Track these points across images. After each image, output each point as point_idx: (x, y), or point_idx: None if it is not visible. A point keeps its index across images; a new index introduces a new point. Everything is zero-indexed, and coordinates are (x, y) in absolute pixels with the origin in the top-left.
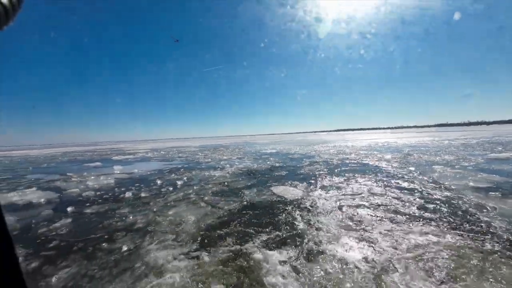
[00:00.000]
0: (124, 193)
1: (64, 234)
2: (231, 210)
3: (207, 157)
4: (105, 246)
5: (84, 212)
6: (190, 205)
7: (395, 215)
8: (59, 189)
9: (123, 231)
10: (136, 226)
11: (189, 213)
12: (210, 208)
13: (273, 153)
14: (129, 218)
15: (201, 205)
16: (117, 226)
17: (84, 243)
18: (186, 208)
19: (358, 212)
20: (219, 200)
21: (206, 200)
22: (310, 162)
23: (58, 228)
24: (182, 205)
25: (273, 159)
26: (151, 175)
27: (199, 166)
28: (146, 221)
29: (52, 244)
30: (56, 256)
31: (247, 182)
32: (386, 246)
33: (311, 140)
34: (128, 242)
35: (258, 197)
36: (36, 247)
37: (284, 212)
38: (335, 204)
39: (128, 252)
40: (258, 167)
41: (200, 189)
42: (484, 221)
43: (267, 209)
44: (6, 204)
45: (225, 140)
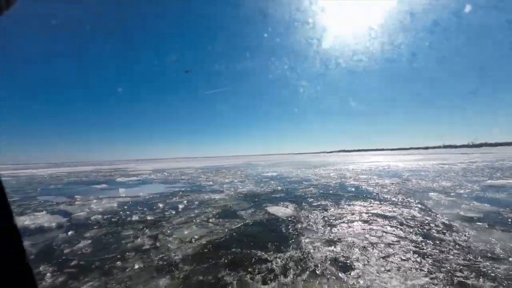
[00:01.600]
0: (130, 216)
1: (79, 255)
2: (231, 229)
3: (209, 179)
4: (119, 264)
5: (95, 235)
6: (193, 227)
7: (375, 240)
8: (67, 213)
9: (132, 251)
10: (144, 247)
11: (191, 233)
12: (211, 228)
13: (274, 176)
14: (137, 240)
15: (204, 226)
16: (127, 247)
17: (100, 262)
18: (188, 229)
19: (339, 231)
20: (220, 222)
21: (208, 221)
22: (309, 186)
23: (73, 250)
24: (185, 227)
25: (274, 183)
26: (155, 198)
27: (202, 189)
28: (152, 243)
29: (72, 263)
30: (77, 273)
31: (247, 205)
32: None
33: (312, 163)
34: (139, 261)
35: (260, 226)
36: (58, 266)
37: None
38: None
39: (139, 270)
40: (259, 191)
41: (201, 212)
42: (459, 247)
43: (270, 243)
44: (19, 227)
45: (226, 160)
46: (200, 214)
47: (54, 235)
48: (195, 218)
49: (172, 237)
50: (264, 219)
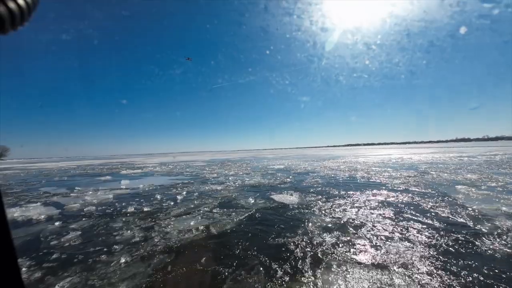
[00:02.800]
0: (125, 208)
1: (64, 248)
2: (234, 220)
3: (213, 172)
4: (104, 258)
5: (85, 227)
6: (192, 217)
7: (401, 233)
8: (60, 204)
9: (121, 244)
10: (134, 240)
11: (189, 224)
12: (212, 218)
13: (280, 168)
14: (127, 232)
15: (204, 217)
16: (116, 239)
17: (84, 256)
18: (186, 220)
19: (358, 229)
20: (223, 212)
21: (209, 212)
22: (316, 177)
23: (58, 243)
24: (183, 218)
25: (281, 175)
26: (155, 190)
27: (205, 181)
28: (143, 235)
29: (54, 256)
30: (57, 268)
31: (252, 196)
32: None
33: (320, 156)
34: (126, 254)
35: (265, 216)
36: (37, 260)
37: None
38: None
39: (125, 264)
40: (265, 183)
41: (202, 203)
42: None
43: (277, 234)
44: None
45: (232, 154)
46: (201, 205)
47: (42, 227)
48: (196, 208)
49: (167, 229)
50: (270, 209)
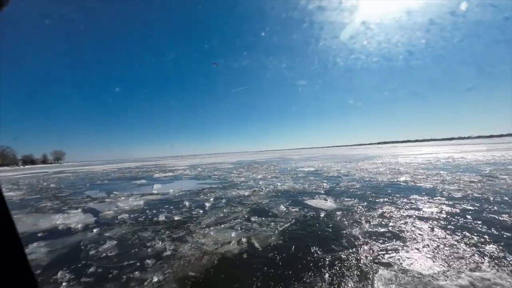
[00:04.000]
0: (157, 216)
1: (99, 260)
2: (270, 232)
3: (241, 175)
4: (137, 275)
5: (119, 235)
6: (223, 228)
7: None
8: (97, 211)
9: (153, 259)
10: (166, 254)
11: (221, 236)
12: (245, 231)
13: (311, 171)
14: (159, 244)
15: (236, 228)
16: (148, 252)
17: (119, 271)
18: (218, 232)
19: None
20: (255, 223)
21: (241, 222)
22: (354, 182)
23: (94, 254)
24: (215, 228)
25: (313, 179)
26: (184, 196)
27: (233, 186)
28: (174, 248)
29: (91, 270)
30: (93, 284)
31: (286, 204)
32: None
33: (351, 156)
34: (158, 272)
35: (305, 228)
36: (76, 273)
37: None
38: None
39: (158, 285)
40: (298, 188)
41: (232, 211)
42: None
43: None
44: (50, 227)
45: (258, 155)
46: (231, 214)
47: (81, 236)
48: (226, 217)
49: (201, 241)
50: (311, 219)
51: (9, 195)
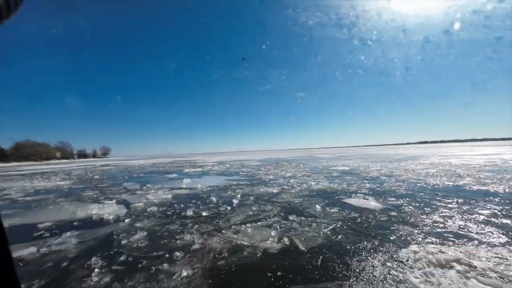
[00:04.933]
0: (185, 210)
1: (130, 250)
2: (305, 233)
3: (269, 173)
4: (166, 267)
5: (149, 227)
6: (252, 226)
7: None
8: (129, 203)
9: (181, 251)
10: (194, 247)
11: (248, 235)
12: (275, 230)
13: (346, 171)
14: (187, 237)
15: (265, 227)
16: (177, 244)
17: (148, 261)
18: (246, 229)
19: None
20: (288, 222)
21: (271, 221)
22: (400, 184)
23: (125, 244)
24: (243, 226)
25: (350, 178)
26: (212, 191)
27: (262, 183)
28: (202, 242)
29: (121, 258)
30: (124, 273)
31: (322, 204)
32: None
33: (389, 155)
34: (187, 266)
35: (345, 229)
36: (108, 260)
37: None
38: None
39: (187, 279)
40: (334, 188)
41: (261, 210)
42: None
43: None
44: (85, 217)
45: (285, 153)
46: (261, 212)
47: (114, 226)
48: (257, 216)
49: (230, 237)
50: (353, 221)
51: (61, 184)
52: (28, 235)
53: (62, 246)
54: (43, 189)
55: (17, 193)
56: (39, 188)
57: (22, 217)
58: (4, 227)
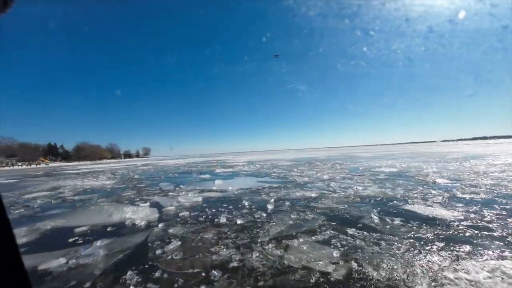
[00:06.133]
0: (217, 216)
1: (165, 263)
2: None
3: (303, 174)
4: None
5: (183, 234)
6: (297, 243)
7: None
8: (161, 206)
9: (219, 270)
10: (232, 265)
11: (297, 254)
12: (327, 244)
13: (394, 172)
14: (224, 252)
15: (312, 240)
16: (213, 261)
17: (184, 280)
18: (290, 247)
19: None
20: (340, 233)
21: (318, 232)
22: (483, 194)
23: (160, 254)
24: (285, 238)
25: (404, 183)
26: (244, 194)
27: (297, 186)
28: (241, 259)
29: (157, 274)
30: None
31: (374, 214)
32: None
33: (441, 154)
34: None
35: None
36: (144, 277)
37: None
38: None
39: None
40: (387, 194)
41: (304, 219)
42: None
43: None
44: (120, 222)
45: (317, 152)
46: (303, 221)
47: (146, 233)
48: (298, 227)
49: (268, 255)
50: (426, 237)
51: (106, 183)
52: (63, 241)
53: (91, 258)
54: (90, 188)
55: (69, 192)
56: (87, 187)
57: (65, 219)
58: (13, 232)
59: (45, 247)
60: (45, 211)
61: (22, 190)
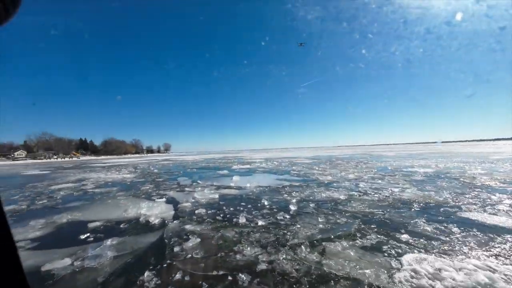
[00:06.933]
0: (236, 215)
1: (185, 262)
2: None
3: (326, 173)
4: None
5: (201, 232)
6: (330, 243)
7: None
8: (177, 202)
9: (247, 273)
10: (260, 268)
11: (337, 260)
12: (365, 250)
13: (431, 173)
14: (249, 253)
15: (349, 246)
16: (238, 263)
17: (209, 285)
18: (322, 248)
19: None
20: (383, 241)
21: (353, 238)
22: None
23: (179, 251)
24: (314, 242)
25: (449, 186)
26: (263, 193)
27: (321, 186)
28: (268, 261)
29: (177, 276)
30: None
31: (424, 222)
32: None
33: (484, 155)
34: None
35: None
36: (164, 278)
37: None
38: None
39: None
40: (430, 197)
41: (329, 221)
42: None
43: None
44: (135, 217)
45: (336, 151)
46: (334, 226)
47: (162, 230)
48: (330, 229)
49: (301, 258)
50: None
51: (127, 177)
52: (73, 238)
53: (97, 261)
54: (111, 181)
55: (91, 184)
56: (108, 180)
57: (81, 212)
58: (10, 231)
59: (55, 243)
60: (65, 203)
61: (50, 181)
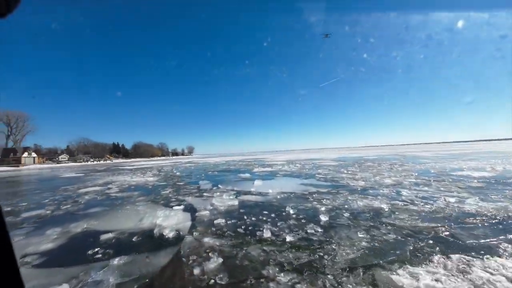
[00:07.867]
0: (259, 227)
1: None
2: None
3: (356, 177)
4: None
5: (222, 248)
6: (384, 271)
7: None
8: (195, 209)
9: None
10: None
11: None
12: None
13: (489, 178)
14: (281, 279)
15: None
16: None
17: None
18: (372, 276)
19: None
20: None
21: (410, 259)
22: None
23: (199, 274)
24: (365, 269)
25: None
26: (288, 200)
27: (354, 192)
28: None
29: None
30: None
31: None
32: None
33: None
34: None
35: None
36: None
37: None
38: None
39: None
40: (505, 214)
41: (383, 240)
42: None
43: None
44: (150, 228)
45: (360, 151)
46: (384, 244)
47: (180, 244)
48: (377, 250)
49: None
50: None
51: (150, 180)
52: (80, 254)
53: (128, 266)
54: (134, 185)
55: (116, 188)
56: (132, 184)
57: (97, 221)
58: (10, 238)
59: (62, 260)
60: (86, 208)
61: (81, 184)
